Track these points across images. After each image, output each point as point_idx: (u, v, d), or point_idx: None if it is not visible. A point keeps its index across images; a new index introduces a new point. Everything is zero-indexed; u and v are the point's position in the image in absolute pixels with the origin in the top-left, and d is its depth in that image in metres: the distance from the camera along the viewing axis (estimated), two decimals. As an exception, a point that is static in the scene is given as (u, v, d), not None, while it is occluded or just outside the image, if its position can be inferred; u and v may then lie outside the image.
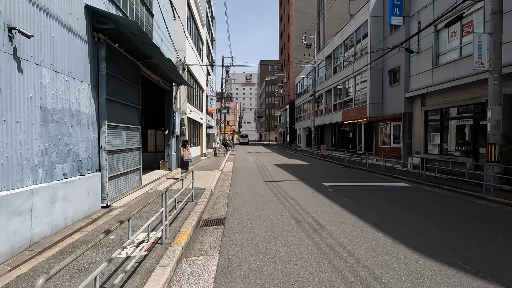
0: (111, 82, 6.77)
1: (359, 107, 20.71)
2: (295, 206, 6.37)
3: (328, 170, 13.73)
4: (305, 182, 9.83)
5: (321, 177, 11.23)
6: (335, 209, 6.06)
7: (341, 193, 7.82)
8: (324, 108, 29.58)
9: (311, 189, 8.43)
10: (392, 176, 11.49)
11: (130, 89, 8.02)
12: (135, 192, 8.06)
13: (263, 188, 8.76)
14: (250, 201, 6.99)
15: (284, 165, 16.03)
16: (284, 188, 8.77)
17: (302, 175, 11.81)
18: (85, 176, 5.70)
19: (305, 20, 44.68)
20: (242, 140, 55.37)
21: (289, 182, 9.90)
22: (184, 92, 15.41)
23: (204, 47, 24.10)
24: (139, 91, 8.65)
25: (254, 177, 11.24)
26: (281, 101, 54.56)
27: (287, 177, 11.11)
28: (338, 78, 24.66)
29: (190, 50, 16.20)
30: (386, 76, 18.33)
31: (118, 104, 7.14)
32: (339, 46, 25.40)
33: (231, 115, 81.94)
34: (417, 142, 14.08)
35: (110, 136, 6.62)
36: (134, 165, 8.24)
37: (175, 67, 9.42)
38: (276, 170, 13.80)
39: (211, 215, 5.89)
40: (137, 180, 8.53)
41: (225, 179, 11.06)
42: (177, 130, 14.31)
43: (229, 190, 8.58)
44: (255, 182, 10.09)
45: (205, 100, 24.46)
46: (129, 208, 6.44)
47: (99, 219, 5.57)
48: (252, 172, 13.09)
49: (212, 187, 9.05)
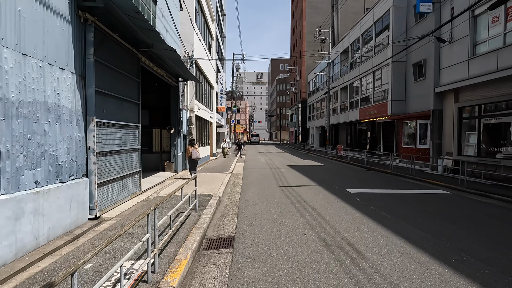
0: (103, 72, 5.80)
1: (378, 105, 19.28)
2: (319, 221, 5.22)
3: (348, 173, 12.47)
4: (325, 188, 8.64)
5: (342, 181, 10.01)
6: (371, 226, 4.88)
7: (372, 203, 6.61)
8: (339, 106, 28.15)
9: (335, 197, 7.25)
10: (424, 181, 10.15)
11: (127, 82, 7.05)
12: (133, 199, 7.09)
13: (278, 195, 7.64)
14: (264, 213, 5.89)
15: (298, 167, 14.85)
16: (302, 195, 7.62)
17: (321, 179, 10.61)
18: (67, 184, 4.73)
19: (318, 15, 43.16)
20: (253, 140, 54.26)
21: (307, 187, 8.74)
22: (192, 89, 14.45)
23: (214, 43, 23.14)
24: (138, 85, 7.69)
25: (267, 181, 10.13)
26: (293, 100, 53.19)
27: (304, 182, 9.95)
28: (355, 74, 23.23)
29: (199, 43, 15.23)
30: (409, 71, 16.86)
31: (111, 98, 6.18)
32: (355, 40, 23.95)
33: (241, 114, 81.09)
34: (449, 142, 12.63)
35: (100, 135, 5.65)
36: (133, 168, 7.28)
37: (180, 58, 8.42)
38: (291, 172, 12.64)
39: (217, 232, 4.82)
40: (136, 184, 7.57)
41: (235, 183, 10.00)
42: (184, 129, 13.35)
43: (240, 197, 7.51)
44: (269, 187, 8.98)
45: (214, 98, 23.51)
46: (123, 220, 5.45)
47: (81, 236, 4.59)
48: (264, 174, 11.98)
49: (220, 193, 8.00)
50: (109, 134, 6.03)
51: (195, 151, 10.23)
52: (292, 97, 54.22)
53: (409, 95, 16.92)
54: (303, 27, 43.56)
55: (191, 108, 14.36)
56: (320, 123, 35.32)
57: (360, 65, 22.45)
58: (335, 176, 11.58)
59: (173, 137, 12.18)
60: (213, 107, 22.51)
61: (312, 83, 40.01)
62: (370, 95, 21.06)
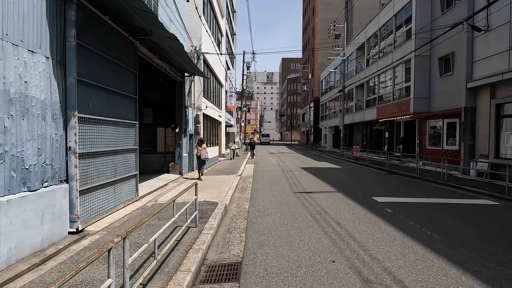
0: (89, 60, 4.93)
1: (399, 103, 17.93)
2: (348, 241, 4.18)
3: (369, 177, 11.30)
4: (348, 195, 7.55)
5: (365, 187, 8.88)
6: (419, 252, 3.78)
7: (408, 217, 5.49)
8: (354, 105, 26.80)
9: (361, 208, 6.16)
10: (459, 187, 8.90)
11: (122, 73, 6.19)
12: (127, 207, 6.21)
13: (293, 204, 6.62)
14: (279, 227, 4.88)
15: (313, 170, 13.75)
16: (321, 204, 6.57)
17: (340, 184, 9.51)
18: (37, 192, 3.86)
19: (331, 12, 41.77)
20: (263, 140, 53.20)
21: (326, 194, 7.67)
22: (200, 85, 13.59)
23: (223, 40, 22.28)
24: (136, 77, 6.82)
25: (279, 186, 9.11)
26: (304, 99, 51.88)
27: (322, 187, 8.88)
28: (372, 70, 21.90)
29: (207, 37, 14.35)
30: (434, 65, 15.50)
31: (100, 90, 5.31)
32: (373, 35, 22.61)
33: (252, 114, 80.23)
34: (483, 143, 11.27)
35: (85, 133, 4.78)
36: (128, 171, 6.41)
37: (183, 47, 7.51)
38: (305, 176, 11.57)
39: (220, 255, 3.84)
40: (132, 190, 6.69)
41: (244, 187, 9.03)
42: (190, 128, 12.49)
43: (249, 206, 6.53)
44: (282, 193, 7.96)
45: (224, 97, 22.65)
46: (109, 234, 4.56)
47: (52, 258, 3.70)
48: (276, 178, 10.96)
49: (227, 199, 7.04)
50: (97, 132, 5.15)
51: (204, 151, 10.14)
52: (304, 97, 52.90)
53: (434, 92, 15.55)
54: (315, 24, 42.27)
55: (198, 105, 13.50)
56: (333, 123, 33.98)
57: (378, 61, 21.11)
58: (356, 180, 10.43)
59: (178, 136, 11.32)
60: (222, 106, 21.64)
61: (324, 82, 38.67)
62: (389, 92, 19.71)
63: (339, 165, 16.45)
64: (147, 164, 11.88)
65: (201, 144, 10.32)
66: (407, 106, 16.84)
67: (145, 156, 11.99)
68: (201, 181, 10.00)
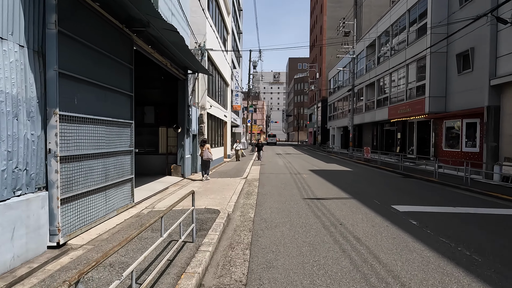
0: (74, 51, 4.37)
1: (412, 102, 17.08)
2: (373, 264, 3.50)
3: (384, 182, 10.54)
4: (363, 202, 6.85)
5: (382, 193, 8.15)
6: (464, 282, 3.08)
7: (439, 231, 4.76)
8: (364, 105, 25.93)
9: (381, 219, 5.46)
10: (486, 194, 8.10)
11: (115, 68, 5.63)
12: (120, 215, 5.65)
13: (304, 213, 5.96)
14: (288, 243, 4.24)
15: (322, 172, 13.05)
16: (335, 213, 5.90)
17: (354, 188, 8.80)
18: (7, 203, 3.30)
19: (340, 9, 40.86)
20: (270, 140, 52.45)
21: (339, 201, 6.98)
22: (204, 84, 13.02)
23: (229, 38, 21.72)
24: (131, 73, 6.26)
25: (288, 191, 8.45)
26: (312, 99, 51.02)
27: (334, 192, 8.19)
28: (383, 68, 21.05)
29: (212, 34, 13.78)
30: (452, 62, 14.65)
31: (89, 85, 4.75)
32: (384, 32, 21.75)
33: (258, 114, 79.64)
34: (508, 145, 10.42)
35: (68, 133, 4.22)
36: (122, 175, 5.84)
37: (183, 40, 6.92)
38: (315, 179, 10.88)
39: (219, 279, 3.22)
40: (127, 195, 6.13)
41: (250, 192, 8.40)
42: (194, 128, 11.92)
43: (254, 214, 5.89)
44: (290, 199, 7.31)
45: (229, 96, 22.08)
46: (95, 249, 3.98)
47: (19, 283, 3.13)
48: (284, 181, 10.30)
49: (231, 206, 6.42)
50: (84, 132, 4.59)
51: (206, 152, 9.99)
52: (311, 96, 52.04)
53: (452, 90, 14.68)
54: (323, 22, 41.43)
55: (202, 105, 12.93)
56: (341, 123, 33.11)
57: (390, 59, 20.26)
58: (370, 185, 9.70)
59: (180, 137, 10.76)
60: (228, 105, 21.07)
61: (332, 81, 37.81)
62: (402, 91, 18.84)
63: (349, 167, 15.68)
64: (148, 165, 11.37)
65: (203, 144, 10.20)
66: (422, 106, 15.99)
67: (146, 158, 11.48)
68: (204, 184, 9.42)
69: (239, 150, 17.78)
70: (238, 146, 17.97)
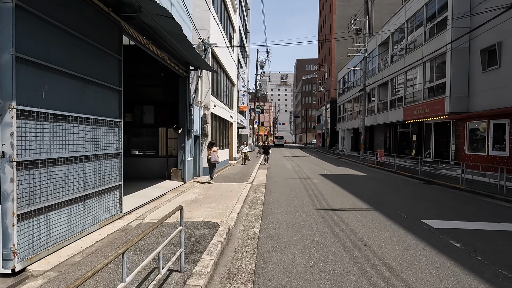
0: (43, 34, 3.60)
1: (430, 102, 15.98)
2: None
3: (405, 189, 9.51)
4: (388, 215, 5.89)
5: (406, 203, 7.16)
6: None
7: (492, 258, 3.74)
8: (376, 105, 24.82)
9: (414, 239, 4.51)
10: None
11: (99, 58, 4.86)
12: (103, 229, 4.84)
13: (318, 228, 5.06)
14: (302, 273, 3.35)
15: (334, 177, 12.07)
16: (356, 229, 4.97)
17: (373, 197, 7.84)
18: None
19: (350, 8, 39.74)
20: (277, 142, 51.38)
21: (358, 213, 6.05)
22: (207, 82, 12.23)
23: (236, 36, 20.95)
24: (120, 65, 5.48)
25: (298, 199, 7.55)
26: (320, 100, 49.91)
27: (350, 202, 7.25)
28: (397, 67, 19.96)
29: (216, 30, 13.01)
30: (475, 59, 13.55)
31: (63, 76, 3.97)
32: (398, 28, 20.67)
33: (265, 115, 78.79)
34: (546, 149, 9.28)
35: (30, 132, 3.44)
36: (106, 181, 5.05)
37: (181, 30, 6.13)
38: (327, 185, 9.94)
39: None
40: (114, 205, 5.33)
41: (255, 200, 7.53)
42: (197, 129, 11.14)
43: (260, 229, 5.02)
44: (302, 210, 6.41)
45: (236, 97, 21.29)
46: (60, 276, 3.17)
47: None
48: (293, 187, 9.40)
49: (233, 218, 5.56)
50: (54, 132, 3.81)
51: (214, 154, 9.89)
52: (320, 98, 50.92)
53: (475, 89, 13.56)
54: (332, 21, 40.39)
55: (205, 104, 12.14)
56: (352, 125, 31.97)
57: (405, 56, 19.17)
58: (389, 192, 8.70)
59: (181, 138, 9.98)
60: (234, 106, 20.28)
61: (342, 82, 36.72)
62: (418, 91, 17.73)
63: (362, 171, 14.65)
64: (147, 169, 10.62)
65: (211, 146, 10.11)
66: (441, 106, 14.89)
67: (145, 160, 10.74)
68: (205, 190, 8.60)
69: (246, 153, 16.83)
70: (245, 148, 17.05)
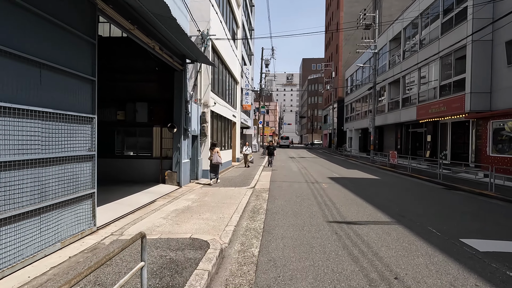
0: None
1: (448, 100, 14.82)
2: None
3: (428, 196, 8.42)
4: (417, 232, 4.85)
5: (436, 215, 6.08)
6: None
7: None
8: (386, 104, 23.66)
9: (460, 269, 3.48)
10: None
11: (64, 40, 3.98)
12: (66, 248, 3.95)
13: (332, 249, 4.09)
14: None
15: (345, 181, 11.05)
16: (381, 252, 3.99)
17: (394, 207, 6.80)
18: None
19: (358, 4, 38.53)
20: (283, 143, 50.22)
21: (379, 228, 5.05)
22: (207, 78, 11.34)
23: (239, 32, 20.03)
24: (93, 49, 4.59)
25: (305, 208, 6.57)
26: (327, 100, 48.72)
27: (368, 212, 6.24)
28: (410, 63, 18.80)
29: (217, 22, 12.11)
30: (499, 52, 12.40)
31: (7, 58, 3.09)
32: (411, 23, 19.51)
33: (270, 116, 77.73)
34: None
35: None
36: (75, 190, 4.17)
37: (169, 11, 5.22)
38: (338, 190, 8.93)
39: None
40: (86, 217, 4.44)
41: (257, 208, 6.58)
42: (195, 128, 10.25)
43: (260, 250, 4.07)
44: (310, 222, 5.44)
45: (239, 95, 20.37)
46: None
47: None
48: (300, 193, 8.42)
49: (228, 234, 4.62)
50: (-10, 128, 2.93)
51: (216, 156, 9.65)
52: (326, 97, 49.71)
53: (500, 85, 12.40)
54: (340, 18, 39.23)
55: (205, 101, 11.24)
56: (360, 125, 30.79)
57: (419, 52, 18.01)
58: (411, 200, 7.65)
59: (176, 138, 9.09)
60: (237, 105, 19.37)
61: (350, 80, 35.54)
62: (433, 88, 16.57)
63: (375, 174, 13.58)
64: (140, 172, 9.78)
65: (213, 147, 9.82)
66: (461, 104, 13.74)
67: (138, 162, 9.90)
68: (201, 196, 7.68)
69: (248, 155, 15.77)
70: (248, 150, 16.00)
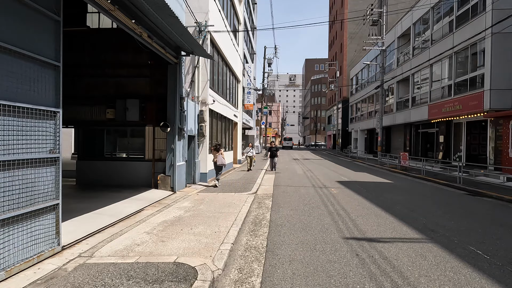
0: None
1: (464, 97, 13.84)
2: None
3: (453, 204, 7.46)
4: (459, 255, 3.90)
5: (474, 230, 5.13)
6: None
7: None
8: (394, 104, 22.68)
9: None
10: None
11: (14, 14, 3.12)
12: (12, 279, 3.08)
13: (355, 281, 3.18)
14: None
15: (356, 186, 10.11)
16: (420, 285, 3.06)
17: (420, 219, 5.84)
18: None
19: (363, 2, 37.59)
20: (286, 144, 49.23)
21: (409, 248, 4.13)
22: (205, 74, 10.49)
23: (241, 28, 19.18)
24: (57, 29, 3.73)
25: (316, 219, 5.66)
26: (331, 100, 47.72)
27: (390, 225, 5.31)
28: (421, 60, 17.82)
29: (217, 14, 11.26)
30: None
31: None
32: (421, 18, 18.56)
33: (273, 117, 76.84)
34: None
35: None
36: (30, 202, 3.30)
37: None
38: (350, 197, 8.00)
39: None
40: (46, 236, 3.57)
41: (258, 219, 5.68)
42: (191, 128, 9.40)
43: (262, 280, 3.19)
44: (323, 239, 4.53)
45: (241, 94, 19.51)
46: None
47: None
48: (307, 200, 7.50)
49: (223, 256, 3.72)
50: None
51: (220, 157, 9.45)
52: (330, 98, 48.70)
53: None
54: (344, 15, 38.29)
55: (203, 99, 10.38)
56: (366, 125, 29.79)
57: (430, 48, 17.05)
58: (436, 209, 6.68)
59: (170, 138, 8.22)
60: (239, 104, 18.50)
61: (355, 79, 34.57)
62: (447, 85, 15.59)
63: (386, 177, 12.61)
64: (132, 175, 8.93)
65: (218, 149, 9.56)
66: (479, 101, 12.75)
67: (129, 165, 9.05)
68: (196, 204, 6.79)
69: (251, 157, 14.70)
70: (250, 151, 14.93)
